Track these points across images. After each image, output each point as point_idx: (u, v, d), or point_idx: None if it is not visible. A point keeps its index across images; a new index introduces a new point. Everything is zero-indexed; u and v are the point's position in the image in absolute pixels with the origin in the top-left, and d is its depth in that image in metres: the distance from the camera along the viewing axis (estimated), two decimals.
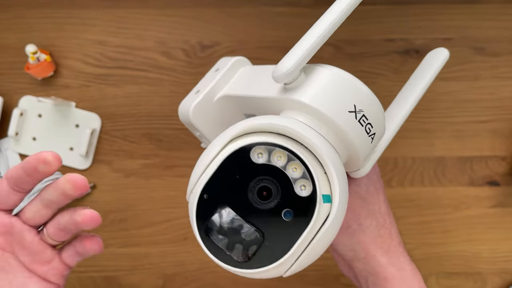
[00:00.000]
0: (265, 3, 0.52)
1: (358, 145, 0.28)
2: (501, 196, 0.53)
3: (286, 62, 0.27)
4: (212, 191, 0.26)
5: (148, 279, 0.52)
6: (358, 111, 0.27)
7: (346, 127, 0.27)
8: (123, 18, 0.52)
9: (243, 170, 0.26)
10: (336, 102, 0.27)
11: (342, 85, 0.27)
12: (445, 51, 0.38)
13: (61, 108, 0.52)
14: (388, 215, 0.36)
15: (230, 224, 0.25)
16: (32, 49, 0.48)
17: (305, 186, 0.25)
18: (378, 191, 0.36)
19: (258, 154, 0.26)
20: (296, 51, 0.27)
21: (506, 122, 0.53)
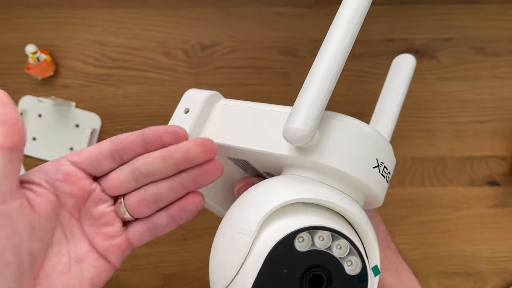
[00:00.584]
0: (265, 3, 0.52)
1: (380, 194, 0.27)
2: (501, 196, 0.53)
3: (301, 124, 0.23)
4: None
5: (148, 279, 0.52)
6: (380, 164, 0.26)
7: (373, 184, 0.25)
8: (123, 18, 0.52)
9: (289, 262, 0.23)
10: (360, 161, 0.25)
11: (360, 139, 0.25)
12: (410, 58, 0.36)
13: (61, 108, 0.52)
14: (387, 234, 0.36)
15: None
16: (32, 49, 0.48)
17: (351, 262, 0.23)
18: (374, 212, 0.36)
19: (298, 238, 0.23)
20: (310, 105, 0.23)
21: (506, 122, 0.53)
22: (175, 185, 0.26)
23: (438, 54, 0.53)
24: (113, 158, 0.26)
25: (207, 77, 0.52)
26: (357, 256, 0.23)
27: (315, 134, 0.24)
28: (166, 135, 0.26)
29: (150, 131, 0.26)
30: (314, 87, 0.24)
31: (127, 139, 0.26)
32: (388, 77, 0.36)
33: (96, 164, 0.26)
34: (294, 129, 0.23)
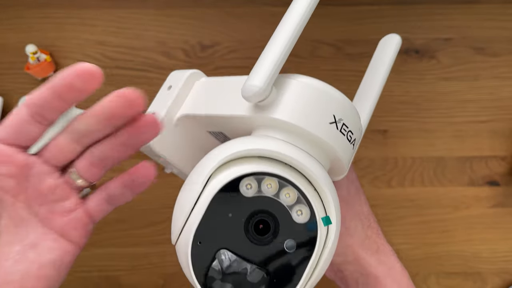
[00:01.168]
0: (265, 3, 0.52)
1: (342, 154, 0.27)
2: (501, 196, 0.53)
3: (256, 80, 0.24)
4: (205, 236, 0.23)
5: (148, 279, 0.52)
6: (338, 121, 0.26)
7: (330, 140, 0.26)
8: (123, 18, 0.52)
9: (234, 207, 0.24)
10: (315, 116, 0.25)
11: (317, 96, 0.26)
12: (396, 37, 0.37)
13: None
14: (371, 215, 0.36)
15: (233, 269, 0.23)
16: (32, 49, 0.48)
17: (301, 211, 0.24)
18: (358, 191, 0.36)
19: (246, 185, 0.24)
20: (265, 65, 0.25)
21: (506, 122, 0.53)
22: (115, 144, 0.25)
23: (438, 54, 0.53)
24: (37, 121, 0.24)
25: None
26: (305, 205, 0.24)
27: (271, 91, 0.25)
28: (76, 79, 0.23)
29: (57, 80, 0.23)
30: (271, 50, 0.26)
31: (40, 97, 0.23)
32: (374, 56, 0.37)
33: (22, 133, 0.24)
34: (249, 85, 0.24)
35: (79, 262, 0.53)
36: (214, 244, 0.23)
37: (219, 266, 0.23)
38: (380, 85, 0.34)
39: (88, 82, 0.23)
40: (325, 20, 0.53)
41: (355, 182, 0.36)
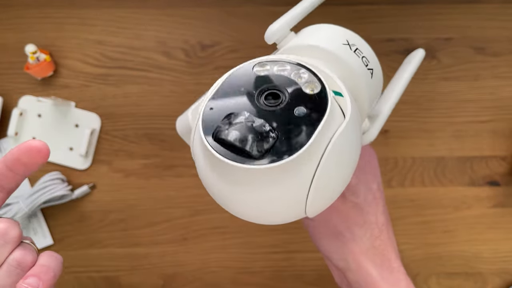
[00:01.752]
0: (266, 2, 0.52)
1: (359, 75, 0.28)
2: (501, 196, 0.52)
3: (272, 26, 0.31)
4: (217, 104, 0.24)
5: (148, 279, 0.52)
6: (351, 45, 0.29)
7: (344, 56, 0.28)
8: (123, 18, 0.52)
9: (247, 81, 0.25)
10: (328, 39, 0.29)
11: (330, 28, 0.30)
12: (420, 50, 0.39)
13: (61, 108, 0.52)
14: (386, 227, 0.35)
15: (241, 120, 0.23)
16: (32, 49, 0.48)
17: (313, 86, 0.24)
18: (377, 201, 0.35)
19: (261, 68, 0.25)
20: (283, 16, 0.31)
21: (506, 122, 0.53)
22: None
23: (439, 54, 0.53)
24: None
25: (207, 77, 0.52)
26: (317, 82, 0.24)
27: (290, 34, 0.31)
28: (22, 155, 0.25)
29: (9, 155, 0.26)
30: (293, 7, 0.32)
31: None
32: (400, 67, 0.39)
33: None
34: (267, 29, 0.31)
35: (79, 262, 0.53)
36: (225, 109, 0.24)
37: (227, 122, 0.23)
38: (400, 88, 0.35)
39: (34, 157, 0.25)
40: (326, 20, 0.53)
41: (376, 192, 0.36)
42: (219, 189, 0.24)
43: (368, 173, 0.37)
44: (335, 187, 0.25)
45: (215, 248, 0.52)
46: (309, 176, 0.23)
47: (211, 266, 0.52)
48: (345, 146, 0.24)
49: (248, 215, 0.25)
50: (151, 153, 0.52)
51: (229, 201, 0.25)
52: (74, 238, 0.52)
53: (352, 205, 0.34)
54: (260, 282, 0.52)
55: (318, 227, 0.35)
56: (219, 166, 0.23)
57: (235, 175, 0.23)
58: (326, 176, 0.23)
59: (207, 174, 0.25)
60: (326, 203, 0.25)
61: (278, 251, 0.52)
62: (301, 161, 0.22)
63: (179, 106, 0.52)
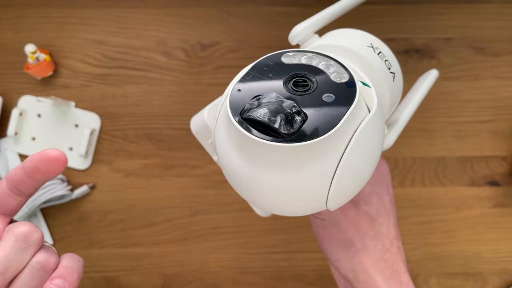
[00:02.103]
0: (265, 2, 0.52)
1: (382, 76, 0.28)
2: (502, 196, 0.52)
3: (300, 24, 0.31)
4: (245, 86, 0.24)
5: (148, 279, 0.52)
6: (375, 48, 0.29)
7: (368, 57, 0.28)
8: (123, 18, 0.52)
9: (276, 68, 0.25)
10: (352, 41, 0.29)
11: (355, 32, 0.31)
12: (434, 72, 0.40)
13: (61, 108, 0.51)
14: (397, 240, 0.35)
15: (270, 100, 0.23)
16: (32, 49, 0.48)
17: (340, 77, 0.24)
18: (389, 214, 0.35)
19: (290, 57, 0.25)
20: (308, 19, 0.31)
21: (507, 122, 0.53)
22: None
23: (439, 54, 0.53)
24: (15, 194, 0.27)
25: (207, 76, 0.52)
26: (345, 72, 0.24)
27: (313, 36, 0.31)
28: (40, 163, 0.26)
29: (28, 162, 0.27)
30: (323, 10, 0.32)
31: (14, 175, 0.27)
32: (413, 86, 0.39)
33: (2, 204, 0.27)
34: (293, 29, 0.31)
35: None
36: (253, 91, 0.24)
37: (257, 101, 0.23)
38: (417, 100, 0.36)
39: (52, 166, 0.26)
40: None
41: (388, 205, 0.36)
42: (244, 174, 0.24)
43: (382, 185, 0.37)
44: (357, 179, 0.25)
45: (215, 248, 0.52)
46: (335, 161, 0.23)
47: (211, 266, 0.52)
48: (371, 136, 0.24)
49: (271, 202, 0.25)
50: (151, 153, 0.52)
51: (254, 186, 0.24)
52: (74, 238, 0.52)
53: (364, 215, 0.34)
54: (260, 282, 0.52)
55: (329, 231, 0.35)
56: (246, 146, 0.23)
57: (262, 154, 0.22)
58: (351, 165, 0.23)
59: (232, 159, 0.24)
60: (347, 195, 0.25)
61: (278, 251, 0.52)
62: (328, 145, 0.22)
63: (179, 106, 0.52)
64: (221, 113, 0.25)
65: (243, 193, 0.26)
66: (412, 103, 0.35)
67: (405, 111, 0.34)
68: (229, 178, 0.26)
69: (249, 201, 0.26)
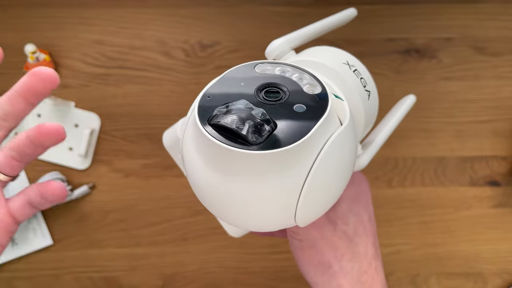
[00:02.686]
0: (265, 2, 0.52)
1: (357, 94, 0.28)
2: (502, 196, 0.52)
3: (277, 39, 0.32)
4: (216, 93, 0.24)
5: (148, 279, 0.52)
6: (351, 65, 0.29)
7: (343, 73, 0.28)
8: (123, 18, 0.52)
9: (248, 78, 0.25)
10: (328, 57, 0.30)
11: (331, 49, 0.31)
12: (412, 97, 0.40)
13: (60, 108, 0.51)
14: (375, 261, 0.34)
15: (240, 107, 0.22)
16: (31, 49, 0.48)
17: (313, 87, 0.24)
18: (367, 233, 0.34)
19: (263, 68, 0.25)
20: (289, 34, 0.32)
21: (507, 122, 0.53)
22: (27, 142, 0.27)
23: (439, 53, 0.53)
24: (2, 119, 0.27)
25: (207, 76, 0.52)
26: (318, 85, 0.24)
27: (290, 51, 0.32)
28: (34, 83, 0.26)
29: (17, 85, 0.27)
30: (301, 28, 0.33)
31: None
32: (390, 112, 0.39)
33: None
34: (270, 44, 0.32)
35: (79, 262, 0.53)
36: (223, 99, 0.23)
37: (226, 108, 0.23)
38: (393, 123, 0.36)
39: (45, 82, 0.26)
40: None
41: (367, 224, 0.35)
42: (210, 183, 0.24)
43: (361, 202, 0.35)
44: (327, 194, 0.24)
45: (215, 248, 0.52)
46: (303, 173, 0.22)
47: (211, 266, 0.52)
48: (342, 150, 0.24)
49: (237, 214, 0.24)
50: (150, 153, 0.52)
51: (220, 196, 0.24)
52: (74, 238, 0.52)
53: (342, 235, 0.33)
54: (260, 282, 0.52)
55: (306, 253, 0.34)
56: (212, 153, 0.22)
57: (228, 161, 0.22)
58: (320, 178, 0.23)
59: (198, 168, 0.24)
60: (317, 211, 0.25)
61: (278, 251, 0.52)
62: (296, 155, 0.22)
63: (179, 106, 0.52)
64: (190, 121, 0.25)
65: (210, 206, 0.25)
66: (388, 126, 0.35)
67: (380, 133, 0.34)
68: (196, 191, 0.25)
69: (216, 214, 0.26)
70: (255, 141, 0.21)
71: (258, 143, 0.21)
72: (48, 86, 0.26)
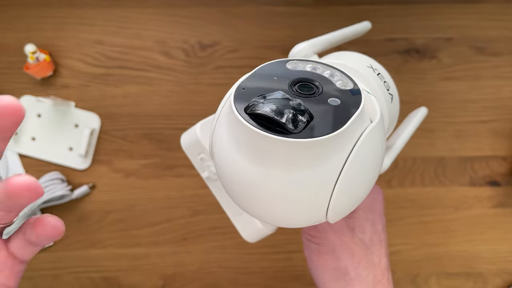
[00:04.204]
0: (265, 2, 0.52)
1: (381, 96, 0.29)
2: (502, 196, 0.52)
3: (301, 43, 0.32)
4: (250, 85, 0.24)
5: (148, 280, 0.52)
6: (374, 69, 0.30)
7: (368, 76, 0.29)
8: (123, 18, 0.52)
9: (280, 73, 0.25)
10: (353, 60, 0.30)
11: (355, 54, 0.32)
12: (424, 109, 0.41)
13: (60, 108, 0.51)
14: (388, 272, 0.34)
15: (277, 97, 0.22)
16: (31, 49, 0.48)
17: (345, 85, 0.24)
18: (381, 243, 0.35)
19: (294, 64, 0.26)
20: (312, 40, 0.32)
21: (507, 122, 0.53)
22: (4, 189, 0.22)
23: (439, 53, 0.53)
24: None
25: (207, 76, 0.52)
26: (350, 81, 0.25)
27: (313, 55, 0.32)
28: None
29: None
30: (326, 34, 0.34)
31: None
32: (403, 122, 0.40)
33: None
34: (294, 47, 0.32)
35: (78, 262, 0.53)
36: (258, 91, 0.24)
37: (263, 98, 0.23)
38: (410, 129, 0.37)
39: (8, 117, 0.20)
40: (326, 19, 0.53)
41: (381, 233, 0.35)
42: (244, 172, 0.23)
43: (376, 212, 0.36)
44: (359, 188, 0.24)
45: (215, 248, 0.52)
46: (339, 165, 0.22)
47: (211, 267, 0.52)
48: (374, 145, 0.24)
49: (269, 206, 0.24)
50: (150, 153, 0.52)
51: (253, 186, 0.23)
52: (74, 238, 0.52)
53: (359, 242, 0.34)
54: (260, 282, 0.52)
55: (323, 258, 0.34)
56: (249, 141, 0.22)
57: (265, 150, 0.22)
58: (354, 171, 0.23)
59: (231, 157, 0.23)
60: (348, 206, 0.25)
61: (277, 251, 0.52)
62: (333, 146, 0.22)
63: (179, 106, 0.52)
64: (223, 111, 0.25)
65: (241, 200, 0.25)
66: (407, 131, 0.36)
67: (400, 137, 0.34)
68: (226, 181, 0.25)
69: (244, 207, 0.26)
70: (293, 130, 0.21)
71: (296, 132, 0.21)
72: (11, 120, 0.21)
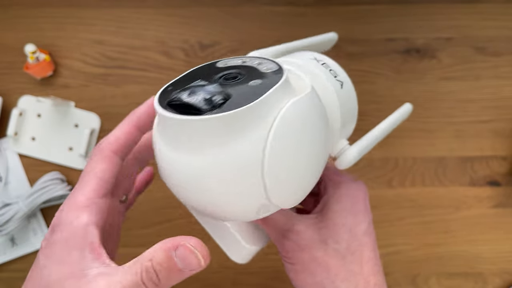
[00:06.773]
0: (265, 2, 0.52)
1: (326, 81, 0.29)
2: (502, 196, 0.52)
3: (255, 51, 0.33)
4: (177, 85, 0.25)
5: None
6: (319, 60, 0.30)
7: (311, 66, 0.29)
8: (123, 18, 0.52)
9: (209, 71, 0.25)
10: (296, 56, 0.31)
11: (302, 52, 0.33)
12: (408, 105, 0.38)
13: (60, 108, 0.51)
14: (374, 277, 0.32)
15: (194, 84, 0.24)
16: (31, 49, 0.48)
17: (270, 69, 0.24)
18: (362, 248, 0.32)
19: (224, 63, 0.26)
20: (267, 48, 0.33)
21: (507, 122, 0.53)
22: None
23: (439, 53, 0.53)
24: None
25: None
26: (276, 66, 0.25)
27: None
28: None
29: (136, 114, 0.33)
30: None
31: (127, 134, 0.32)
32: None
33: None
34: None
35: None
36: (182, 85, 0.24)
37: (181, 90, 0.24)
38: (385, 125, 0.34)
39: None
40: (326, 19, 0.53)
41: (362, 238, 0.32)
42: (174, 164, 0.23)
43: (357, 213, 0.33)
44: (299, 166, 0.23)
45: (215, 249, 0.52)
46: (262, 138, 0.22)
47: (211, 267, 0.52)
48: (304, 120, 0.23)
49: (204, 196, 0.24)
50: None
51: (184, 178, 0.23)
52: None
53: (334, 254, 0.32)
54: (260, 282, 0.52)
55: (300, 277, 0.33)
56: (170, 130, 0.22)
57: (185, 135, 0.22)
58: (281, 144, 0.22)
59: (162, 152, 0.24)
60: (294, 187, 0.24)
61: (277, 251, 0.52)
62: (252, 120, 0.21)
63: None
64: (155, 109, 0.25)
65: (173, 188, 0.25)
66: (382, 123, 0.34)
67: (371, 131, 0.33)
68: (163, 175, 0.25)
69: (183, 200, 0.26)
70: (207, 109, 0.21)
71: (209, 110, 0.21)
72: None
